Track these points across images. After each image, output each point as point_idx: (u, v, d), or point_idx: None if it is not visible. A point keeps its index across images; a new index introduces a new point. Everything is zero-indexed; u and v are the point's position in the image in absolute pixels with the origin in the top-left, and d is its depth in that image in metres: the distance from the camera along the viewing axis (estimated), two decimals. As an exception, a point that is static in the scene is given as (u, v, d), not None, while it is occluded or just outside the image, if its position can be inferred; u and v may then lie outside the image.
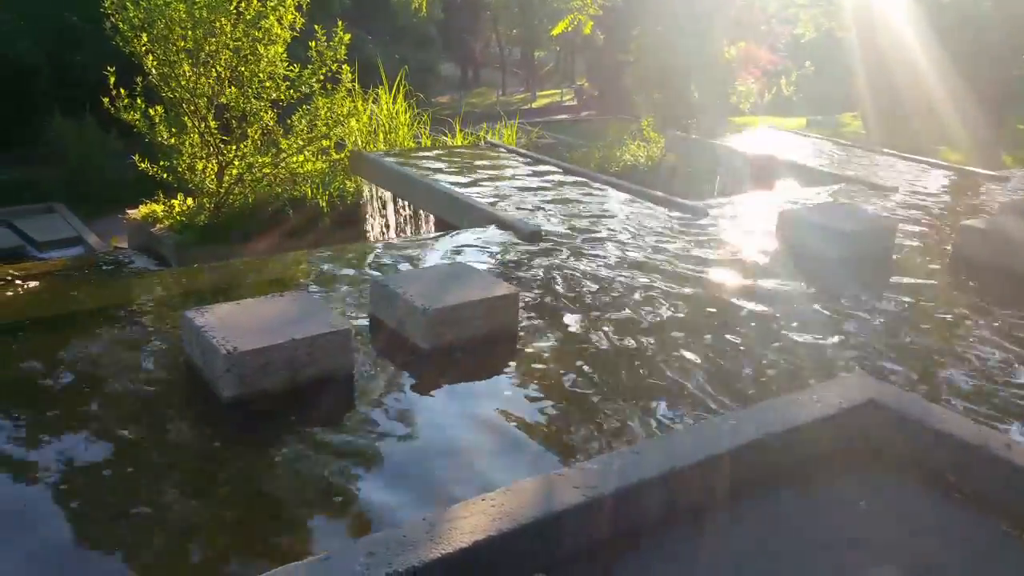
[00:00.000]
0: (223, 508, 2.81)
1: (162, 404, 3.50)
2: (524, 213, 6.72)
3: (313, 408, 3.44)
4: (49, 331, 4.39)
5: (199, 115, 9.06)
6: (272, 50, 9.03)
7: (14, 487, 2.89)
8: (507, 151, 10.00)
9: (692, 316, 4.64)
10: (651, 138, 11.74)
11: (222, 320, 3.61)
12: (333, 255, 5.93)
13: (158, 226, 9.26)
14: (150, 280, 6.70)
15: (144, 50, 8.68)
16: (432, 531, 2.25)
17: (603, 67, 22.74)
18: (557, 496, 2.43)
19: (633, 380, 3.80)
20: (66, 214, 11.94)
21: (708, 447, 2.77)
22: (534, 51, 34.39)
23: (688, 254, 5.79)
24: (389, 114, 11.71)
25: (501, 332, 4.16)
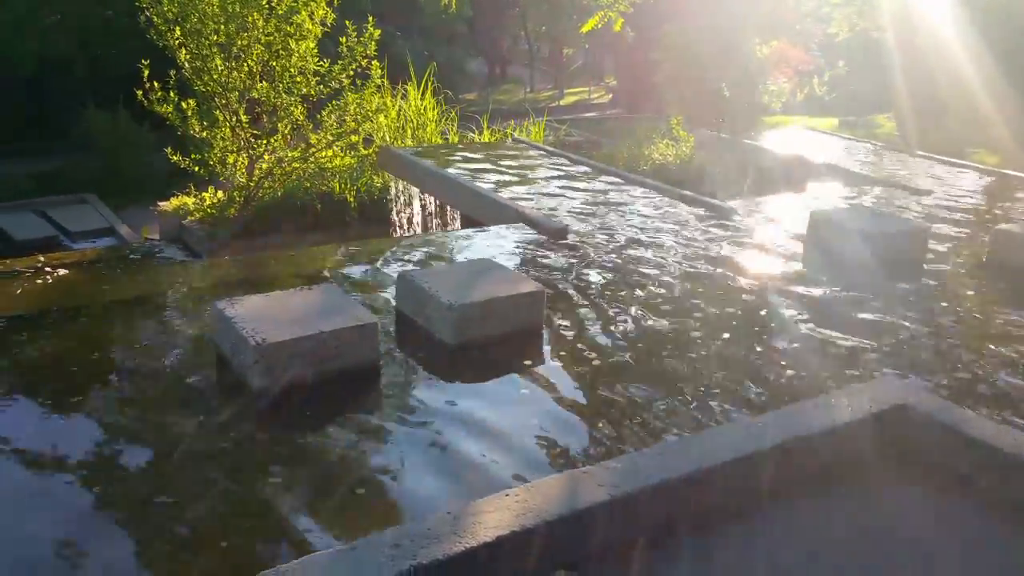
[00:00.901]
0: (247, 496, 2.83)
1: (192, 393, 3.54)
2: (550, 210, 6.71)
3: (339, 400, 3.47)
4: (81, 319, 4.47)
5: (231, 109, 9.15)
6: (303, 45, 9.08)
7: (41, 471, 2.94)
8: (534, 148, 9.99)
9: (719, 317, 4.60)
10: (680, 137, 11.65)
11: (252, 312, 3.65)
12: (360, 250, 5.97)
13: (189, 218, 9.36)
14: (181, 271, 6.79)
15: (177, 44, 8.77)
16: (456, 525, 2.25)
17: (632, 65, 22.61)
18: (582, 494, 2.42)
19: (658, 381, 3.78)
20: (98, 205, 12.12)
21: (735, 449, 2.74)
22: (563, 48, 34.31)
23: (716, 254, 5.75)
24: (417, 110, 11.75)
25: (527, 329, 4.16)
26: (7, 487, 2.84)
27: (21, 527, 2.62)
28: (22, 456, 3.02)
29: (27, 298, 5.16)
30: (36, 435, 3.16)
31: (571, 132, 14.15)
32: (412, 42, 21.94)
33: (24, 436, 3.14)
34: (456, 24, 27.48)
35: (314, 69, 9.26)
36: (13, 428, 3.21)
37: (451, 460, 3.07)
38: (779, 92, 17.35)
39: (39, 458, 3.01)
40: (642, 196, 7.50)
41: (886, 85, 15.64)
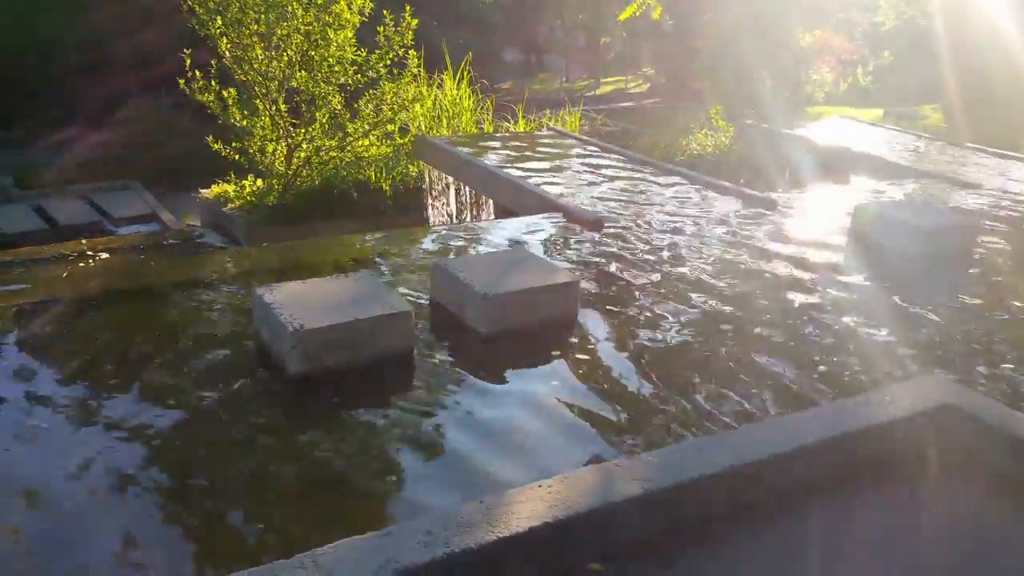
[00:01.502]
0: (283, 481, 2.86)
1: (230, 377, 3.59)
2: (586, 200, 6.66)
3: (374, 386, 3.49)
4: (124, 303, 4.55)
5: (270, 98, 9.24)
6: (341, 35, 9.13)
7: (79, 450, 2.99)
8: (570, 138, 9.93)
9: (758, 310, 4.53)
10: (719, 127, 11.50)
11: (290, 298, 3.68)
12: (395, 238, 6.00)
13: (229, 205, 9.49)
14: (220, 257, 6.88)
15: (219, 33, 8.87)
16: (489, 514, 2.25)
17: (671, 54, 22.36)
18: (616, 487, 2.40)
19: (693, 375, 3.73)
20: (141, 191, 12.32)
21: (774, 445, 2.70)
22: (599, 37, 34.01)
23: (755, 246, 5.66)
24: (453, 100, 11.75)
25: (561, 319, 4.14)
26: (48, 453, 2.91)
27: (66, 496, 2.68)
28: (65, 431, 3.09)
29: (71, 282, 5.27)
30: (77, 411, 3.23)
31: (607, 122, 14.05)
32: (448, 31, 21.91)
33: (66, 412, 3.21)
34: (492, 13, 27.39)
35: (352, 58, 9.30)
36: (55, 403, 3.28)
37: (480, 449, 3.07)
38: (821, 82, 17.07)
39: (81, 434, 3.08)
40: (679, 187, 7.41)
41: (934, 75, 15.25)
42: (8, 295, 4.53)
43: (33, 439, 3.05)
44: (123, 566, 2.45)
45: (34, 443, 3.03)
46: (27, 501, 2.71)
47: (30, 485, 2.79)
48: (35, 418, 3.20)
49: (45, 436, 3.08)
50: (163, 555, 2.50)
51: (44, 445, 3.03)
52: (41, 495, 2.74)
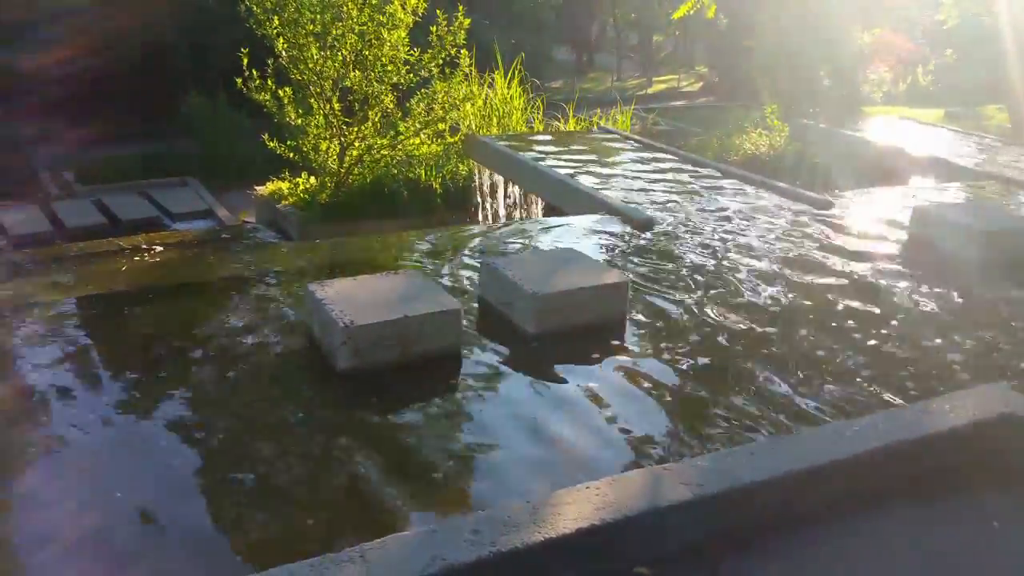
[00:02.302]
0: (331, 475, 2.89)
1: (281, 371, 3.65)
2: (636, 201, 6.61)
3: (422, 383, 3.51)
4: (179, 297, 4.67)
5: (324, 97, 9.37)
6: (395, 34, 9.21)
7: (129, 439, 3.07)
8: (621, 137, 9.87)
9: (812, 315, 4.44)
10: (774, 127, 11.29)
11: (340, 294, 3.73)
12: (445, 236, 6.03)
13: (283, 202, 9.65)
14: (273, 253, 7.01)
15: (275, 33, 9.03)
16: (535, 515, 2.25)
17: (725, 52, 22.04)
18: (664, 491, 2.37)
19: (743, 380, 3.67)
20: (198, 188, 12.64)
21: (828, 452, 2.65)
22: (652, 35, 33.75)
23: (810, 249, 5.55)
24: (503, 99, 11.76)
25: (610, 320, 4.11)
26: (107, 443, 3.00)
27: (117, 482, 2.75)
28: (119, 419, 3.18)
29: (131, 275, 5.42)
30: (133, 401, 3.32)
31: (659, 121, 13.92)
32: (500, 30, 21.96)
33: (121, 402, 3.31)
34: (544, 12, 27.36)
35: (405, 58, 9.38)
36: (114, 393, 3.38)
37: (526, 448, 3.06)
38: (880, 81, 16.65)
39: (134, 421, 3.17)
40: (732, 187, 7.31)
41: (998, 74, 14.74)
42: (68, 287, 4.68)
43: (94, 427, 3.15)
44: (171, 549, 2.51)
45: (95, 432, 3.12)
46: (90, 485, 2.80)
47: (94, 470, 2.88)
48: (93, 407, 3.30)
49: (103, 424, 3.17)
50: (206, 544, 2.55)
51: (102, 434, 3.12)
52: (105, 479, 2.82)
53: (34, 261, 7.76)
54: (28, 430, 3.13)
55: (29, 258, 7.91)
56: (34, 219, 10.81)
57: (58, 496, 2.72)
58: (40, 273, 7.01)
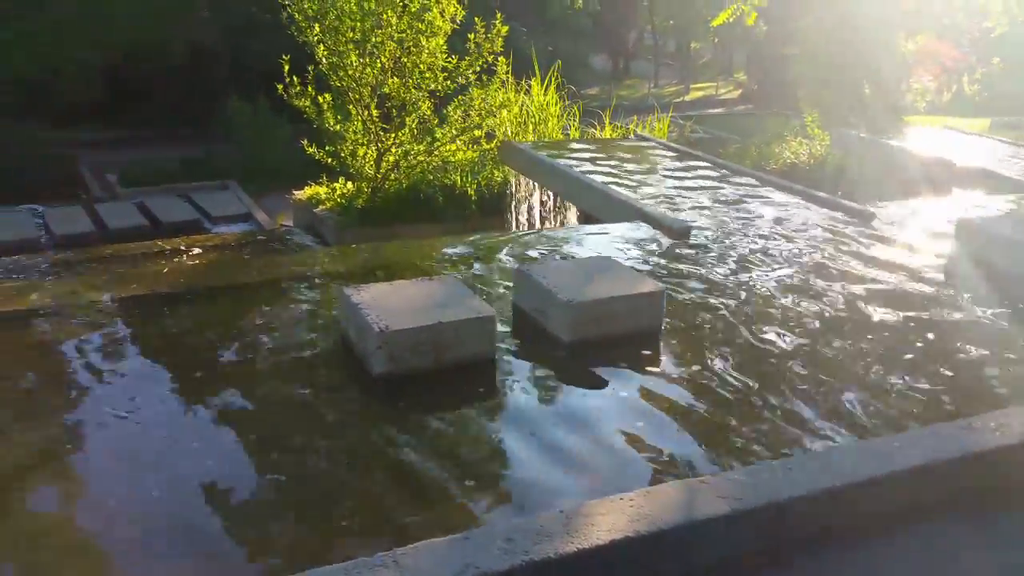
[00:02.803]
0: (363, 479, 2.91)
1: (316, 374, 3.69)
2: (673, 209, 6.56)
3: (456, 389, 3.52)
4: (218, 299, 4.73)
5: (363, 103, 9.46)
6: (433, 42, 9.27)
7: (163, 437, 3.12)
8: (657, 145, 9.81)
9: (851, 330, 4.36)
10: (814, 135, 11.14)
11: (376, 299, 3.75)
12: (479, 242, 6.04)
13: (320, 207, 9.76)
14: (310, 257, 7.09)
15: (316, 40, 9.14)
16: (569, 524, 2.24)
17: (764, 60, 21.84)
18: (700, 504, 2.35)
19: (780, 394, 3.61)
20: (238, 191, 12.84)
21: (869, 468, 2.60)
22: (690, 42, 33.57)
23: (850, 262, 5.46)
24: (540, 105, 11.77)
25: (645, 330, 4.08)
26: (141, 444, 3.05)
27: (154, 476, 2.80)
28: (157, 414, 3.23)
29: (171, 277, 5.51)
30: (169, 399, 3.39)
31: (697, 129, 13.82)
32: (537, 37, 22.02)
33: (159, 402, 3.37)
34: (581, 19, 27.37)
35: (442, 65, 9.43)
36: (151, 394, 3.44)
37: (558, 457, 3.04)
38: (923, 90, 16.30)
39: (169, 417, 3.23)
40: (771, 196, 7.22)
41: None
42: (110, 287, 4.77)
43: (138, 422, 3.20)
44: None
45: (140, 425, 3.18)
46: (137, 474, 2.85)
47: (145, 458, 2.94)
48: (136, 403, 3.36)
49: (145, 419, 3.22)
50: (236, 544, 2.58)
51: (145, 428, 3.17)
52: (153, 467, 2.87)
53: (78, 261, 7.96)
54: (67, 423, 3.20)
55: (73, 258, 8.12)
56: (78, 220, 11.06)
57: (98, 485, 2.78)
58: (83, 273, 7.18)
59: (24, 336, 4.01)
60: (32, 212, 11.26)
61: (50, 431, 3.15)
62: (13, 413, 3.25)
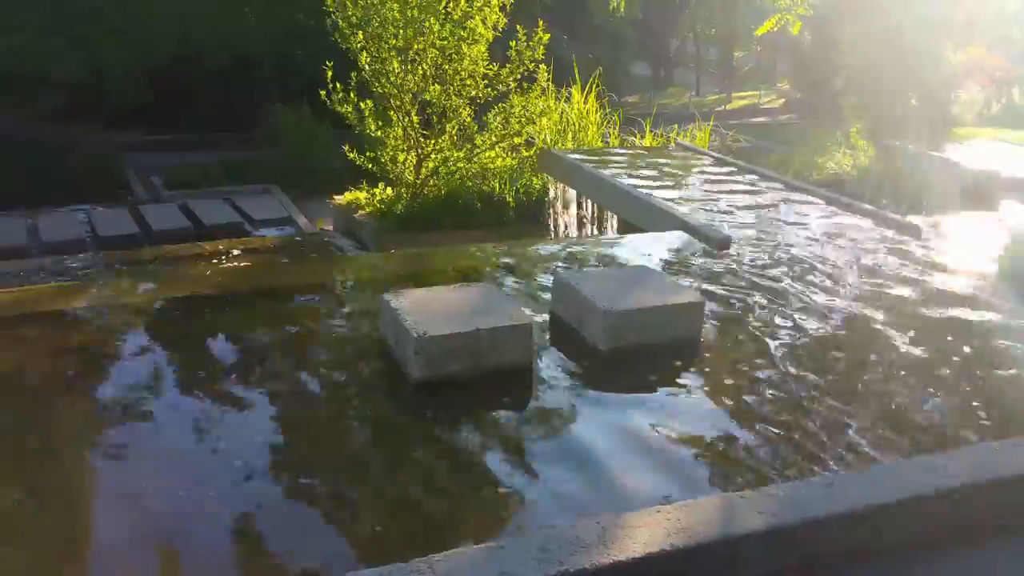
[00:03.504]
0: (396, 483, 2.92)
1: (355, 378, 3.72)
2: (713, 219, 6.50)
3: (493, 396, 3.52)
4: (259, 301, 4.80)
5: (404, 110, 9.55)
6: (475, 49, 9.32)
7: (200, 435, 3.18)
8: (699, 154, 9.74)
9: (893, 347, 4.27)
10: (859, 146, 10.96)
11: (415, 304, 3.77)
12: (517, 250, 6.04)
13: (360, 212, 9.85)
14: (350, 261, 7.17)
15: (359, 47, 9.25)
16: (604, 535, 2.22)
17: (809, 69, 21.55)
18: (738, 519, 2.32)
19: (819, 410, 3.55)
20: (280, 196, 12.98)
21: (910, 487, 2.54)
22: (733, 51, 33.27)
23: (894, 276, 5.35)
24: (579, 113, 11.75)
25: (683, 340, 4.05)
26: (183, 444, 3.11)
27: (188, 473, 2.84)
28: (197, 410, 3.29)
29: (213, 279, 5.61)
30: (208, 397, 3.44)
31: (739, 137, 13.66)
32: (579, 45, 22.00)
33: (197, 401, 3.43)
34: (623, 27, 27.29)
35: (483, 72, 9.48)
36: (189, 393, 3.51)
37: (593, 467, 3.03)
38: (972, 102, 15.98)
39: (208, 415, 3.29)
40: (814, 207, 7.11)
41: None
42: (153, 289, 4.87)
43: (178, 420, 3.26)
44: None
45: (179, 423, 3.24)
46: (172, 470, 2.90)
47: (181, 455, 3.00)
48: (174, 401, 3.42)
49: (182, 417, 3.28)
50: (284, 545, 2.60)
51: (182, 425, 3.23)
52: (188, 463, 2.92)
53: (122, 262, 8.14)
54: (104, 419, 3.27)
55: (117, 259, 8.31)
56: (122, 221, 11.28)
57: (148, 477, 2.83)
58: (127, 274, 7.35)
59: (67, 335, 4.11)
60: (78, 213, 11.53)
61: (88, 426, 3.23)
62: (52, 410, 3.34)
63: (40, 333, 4.09)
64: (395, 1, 9.01)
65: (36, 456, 3.04)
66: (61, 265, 8.02)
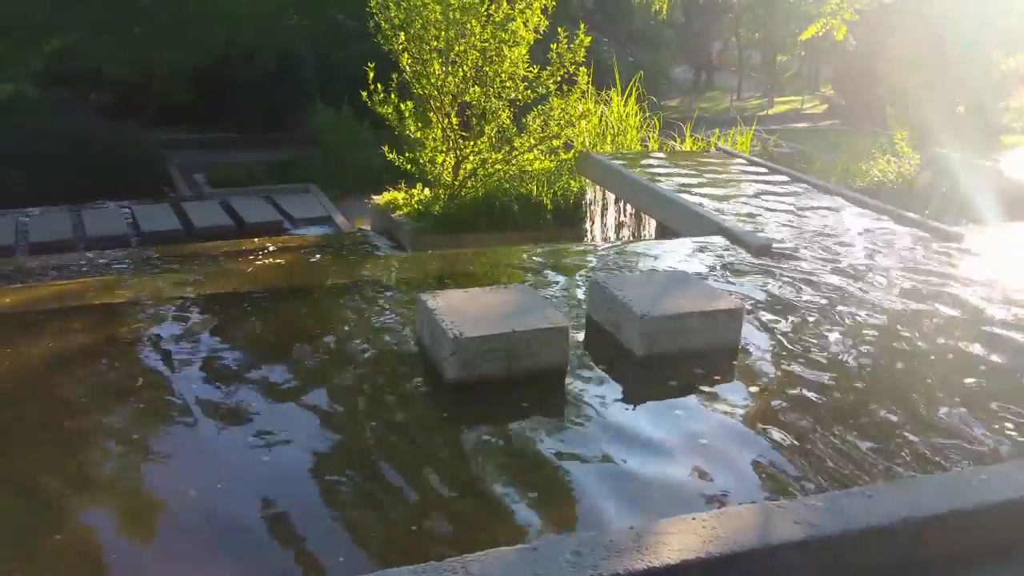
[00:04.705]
0: (429, 483, 2.93)
1: (391, 377, 3.75)
2: (753, 224, 6.43)
3: (527, 398, 3.52)
4: (297, 298, 4.86)
5: (443, 111, 9.59)
6: (516, 52, 9.33)
7: (236, 434, 3.22)
8: (739, 159, 9.64)
9: (937, 360, 4.18)
10: (904, 154, 10.76)
11: (451, 305, 3.79)
12: (554, 252, 6.04)
13: (397, 212, 9.93)
14: (386, 261, 7.22)
15: (401, 48, 9.32)
16: (639, 542, 2.21)
17: (853, 75, 21.23)
18: (775, 528, 2.29)
19: (858, 422, 3.48)
20: (319, 195, 13.14)
21: (953, 500, 2.49)
22: (775, 55, 32.89)
23: (939, 286, 5.24)
24: (619, 116, 11.71)
25: (721, 347, 4.00)
26: (217, 438, 3.15)
27: (225, 469, 2.89)
28: (231, 411, 3.34)
29: (253, 276, 5.69)
30: (245, 393, 3.50)
31: (780, 143, 13.49)
32: (619, 48, 21.94)
33: (232, 396, 3.49)
34: (665, 30, 27.15)
35: (523, 75, 9.49)
36: (225, 389, 3.57)
37: (626, 473, 3.01)
38: (1022, 110, 15.57)
39: (245, 410, 3.34)
40: (857, 214, 7.00)
41: None
42: (193, 284, 4.96)
43: (224, 416, 3.32)
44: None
45: (216, 418, 3.30)
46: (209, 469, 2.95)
47: (218, 451, 3.05)
48: (211, 397, 3.48)
49: (220, 412, 3.34)
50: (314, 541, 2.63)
51: (219, 421, 3.28)
52: (224, 459, 2.97)
53: (164, 257, 8.31)
54: (145, 413, 3.34)
55: (160, 254, 8.48)
56: (166, 217, 11.51)
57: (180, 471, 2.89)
58: (169, 269, 7.49)
59: (111, 328, 4.20)
60: (122, 209, 11.79)
61: (131, 418, 3.30)
62: (97, 402, 3.41)
63: (85, 325, 4.19)
64: (437, 3, 9.06)
65: (71, 450, 3.11)
66: (106, 259, 8.21)
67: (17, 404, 3.42)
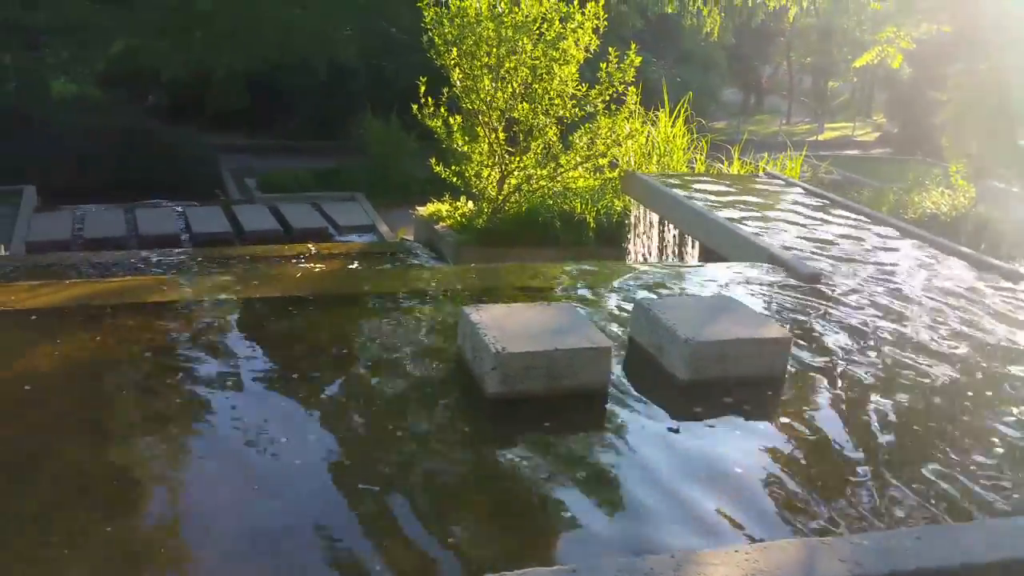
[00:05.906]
0: (466, 499, 2.92)
1: (430, 389, 3.75)
2: (801, 252, 6.33)
3: (567, 417, 3.50)
4: (340, 306, 4.91)
5: (491, 127, 9.65)
6: (565, 70, 9.36)
7: (270, 442, 3.23)
8: (788, 184, 9.51)
9: (988, 399, 4.05)
10: (959, 186, 10.52)
11: (494, 320, 3.79)
12: (596, 271, 6.01)
13: (441, 224, 9.99)
14: (429, 273, 7.26)
15: (452, 63, 9.41)
16: (679, 571, 2.18)
17: (907, 103, 20.88)
18: (818, 565, 2.23)
19: (905, 460, 3.38)
20: (364, 203, 13.30)
21: (1005, 549, 2.39)
22: (827, 80, 32.50)
23: (993, 324, 5.09)
24: (666, 137, 11.65)
25: (767, 376, 3.94)
26: (254, 443, 3.18)
27: (257, 474, 2.91)
28: (269, 416, 3.37)
29: (299, 281, 5.74)
30: (280, 401, 3.54)
31: (831, 169, 13.29)
32: (668, 68, 21.88)
33: (271, 403, 3.53)
34: (715, 52, 27.01)
35: (572, 92, 9.50)
36: (266, 394, 3.62)
37: (663, 498, 2.96)
38: (1085, 144, 15.13)
39: (285, 413, 3.37)
40: (908, 246, 6.84)
41: None
42: (240, 287, 5.04)
43: (256, 419, 3.35)
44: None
45: (258, 423, 3.33)
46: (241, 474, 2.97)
47: (254, 455, 3.08)
48: (253, 402, 3.52)
49: (257, 416, 3.37)
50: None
51: (258, 425, 3.32)
52: (255, 464, 2.99)
53: (214, 258, 8.46)
54: (183, 409, 3.39)
55: (210, 255, 8.64)
56: (216, 220, 11.74)
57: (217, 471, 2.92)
58: (219, 271, 7.62)
59: (161, 326, 4.27)
60: (175, 210, 12.06)
61: (169, 415, 3.35)
62: (134, 401, 3.47)
63: (136, 324, 4.27)
64: (491, 21, 9.14)
65: (108, 448, 3.17)
66: (157, 258, 8.39)
67: (62, 395, 3.50)
